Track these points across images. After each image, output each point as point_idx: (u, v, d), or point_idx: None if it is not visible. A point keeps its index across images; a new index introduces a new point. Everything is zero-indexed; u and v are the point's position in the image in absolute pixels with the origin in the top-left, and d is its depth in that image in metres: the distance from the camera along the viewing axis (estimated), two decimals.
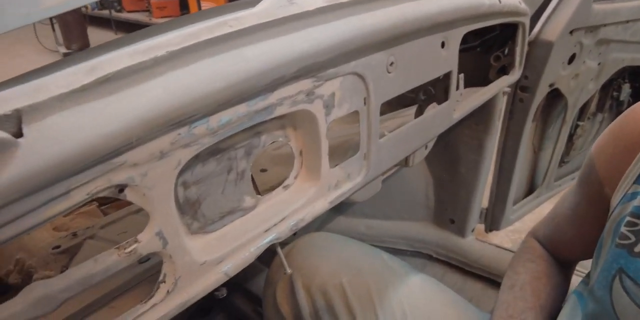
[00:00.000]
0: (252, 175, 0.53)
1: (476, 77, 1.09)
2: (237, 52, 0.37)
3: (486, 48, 1.08)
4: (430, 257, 1.53)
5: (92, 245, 0.61)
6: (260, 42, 0.38)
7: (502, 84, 0.99)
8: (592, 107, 1.71)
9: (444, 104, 0.73)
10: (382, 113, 1.03)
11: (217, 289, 0.53)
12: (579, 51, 1.21)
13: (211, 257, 0.42)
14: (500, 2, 0.76)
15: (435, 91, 0.77)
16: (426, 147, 0.79)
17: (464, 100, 0.87)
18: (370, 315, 0.62)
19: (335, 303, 0.62)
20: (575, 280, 0.63)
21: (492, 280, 1.37)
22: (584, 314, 0.50)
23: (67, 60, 0.34)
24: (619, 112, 1.81)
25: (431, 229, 1.47)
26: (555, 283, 0.60)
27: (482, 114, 1.20)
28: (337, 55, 0.46)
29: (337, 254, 0.67)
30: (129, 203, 0.35)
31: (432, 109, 0.71)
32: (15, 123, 0.28)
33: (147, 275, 0.50)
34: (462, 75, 0.78)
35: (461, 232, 1.41)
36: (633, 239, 0.44)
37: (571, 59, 1.22)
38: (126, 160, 0.32)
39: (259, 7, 0.41)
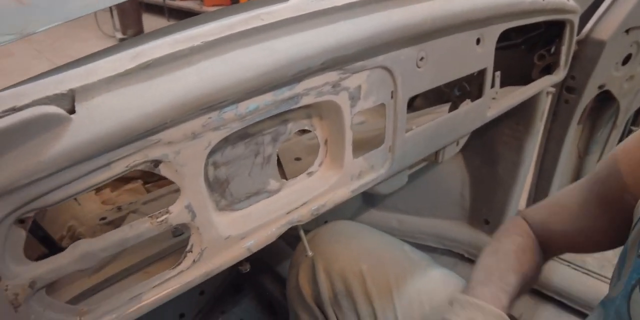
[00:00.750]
0: (282, 162, 0.56)
1: (518, 75, 1.06)
2: (267, 44, 0.40)
3: (530, 46, 1.05)
4: (461, 257, 1.51)
5: (134, 219, 0.67)
6: (288, 35, 0.41)
7: (543, 84, 0.97)
8: None
9: (477, 102, 0.73)
10: (418, 108, 1.04)
11: (241, 264, 0.58)
12: (635, 51, 1.15)
13: (235, 232, 0.46)
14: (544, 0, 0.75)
15: (470, 88, 0.77)
16: (457, 144, 0.80)
17: (501, 99, 0.86)
18: (388, 303, 0.64)
19: (354, 289, 0.65)
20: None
21: None
22: None
23: (116, 46, 0.39)
24: None
25: (464, 228, 1.45)
26: (538, 262, 0.60)
27: (523, 114, 1.17)
28: (364, 49, 0.48)
29: (358, 242, 0.69)
30: (171, 182, 0.39)
31: (465, 106, 0.72)
32: (69, 101, 0.32)
33: (180, 246, 0.55)
34: (498, 73, 0.77)
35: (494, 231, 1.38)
36: None
37: (626, 60, 1.16)
38: (161, 138, 0.36)
39: (292, 1, 0.44)
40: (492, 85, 0.76)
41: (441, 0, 0.54)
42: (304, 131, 0.59)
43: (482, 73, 0.71)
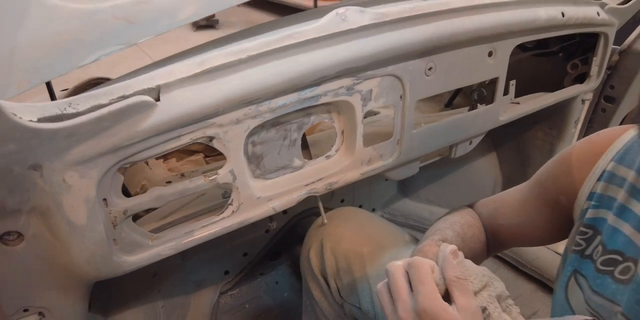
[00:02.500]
0: (309, 146, 0.71)
1: (554, 82, 1.12)
2: (293, 58, 0.54)
3: (567, 55, 1.11)
4: None
5: None
6: (311, 51, 0.55)
7: (570, 92, 1.03)
8: None
9: (488, 107, 0.83)
10: (457, 106, 1.12)
11: (270, 220, 0.73)
12: None
13: (265, 194, 0.61)
14: (563, 15, 0.82)
15: (486, 93, 0.87)
16: (470, 143, 0.90)
17: (523, 103, 0.94)
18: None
19: (354, 268, 0.75)
20: None
21: (543, 283, 1.40)
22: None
23: (188, 52, 0.55)
24: None
25: None
26: (481, 243, 0.67)
27: (556, 119, 1.22)
28: (374, 62, 0.61)
29: (363, 228, 0.81)
30: (224, 158, 0.55)
31: (474, 110, 0.82)
32: (156, 93, 0.49)
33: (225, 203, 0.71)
34: (513, 82, 0.86)
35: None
36: (584, 245, 0.54)
37: None
38: (215, 122, 0.52)
39: (319, 22, 0.58)
40: (507, 93, 0.85)
41: (449, 20, 0.66)
42: None
43: (494, 81, 0.81)
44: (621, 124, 1.25)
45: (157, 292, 0.97)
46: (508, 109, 0.89)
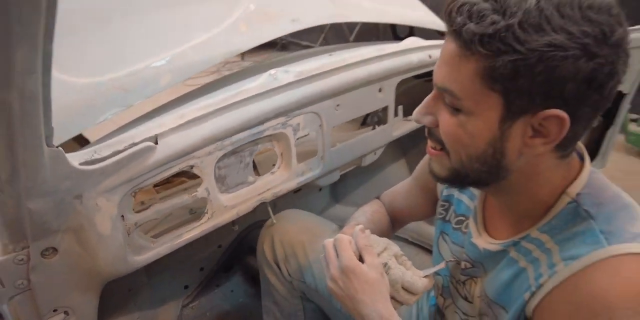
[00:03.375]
0: (261, 167, 0.96)
1: None
2: (245, 108, 0.80)
3: None
4: (406, 241, 1.89)
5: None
6: (255, 102, 0.81)
7: None
8: None
9: (383, 126, 1.14)
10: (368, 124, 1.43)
11: (233, 224, 0.97)
12: None
13: (230, 204, 0.86)
14: (430, 57, 1.16)
15: (382, 116, 1.18)
16: (375, 153, 1.20)
17: (407, 123, 1.27)
18: (317, 261, 1.03)
19: (297, 253, 1.00)
20: None
21: (425, 248, 1.70)
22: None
23: (169, 106, 0.79)
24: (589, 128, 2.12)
25: None
26: (388, 223, 0.96)
27: None
28: (300, 105, 0.88)
29: (303, 223, 1.06)
30: (172, 186, 0.78)
31: (374, 129, 1.13)
32: (155, 139, 0.72)
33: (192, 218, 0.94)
34: (400, 107, 1.18)
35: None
36: (444, 213, 0.85)
37: None
38: (195, 155, 0.76)
39: (256, 82, 0.84)
40: (396, 115, 1.17)
41: (347, 72, 0.95)
42: None
43: (385, 108, 1.12)
44: None
45: (133, 305, 1.15)
46: (399, 126, 1.21)
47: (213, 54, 0.85)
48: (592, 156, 2.18)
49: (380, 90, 1.08)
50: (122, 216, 0.72)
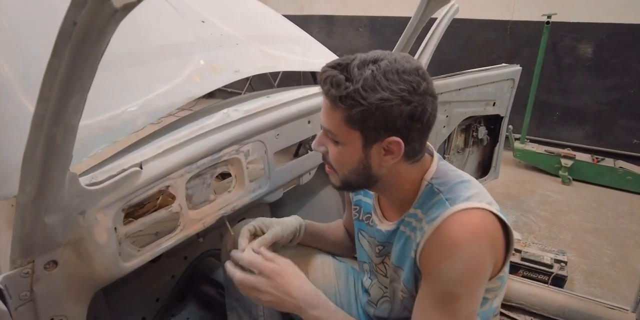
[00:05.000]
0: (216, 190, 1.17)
1: None
2: (206, 139, 1.03)
3: None
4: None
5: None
6: (215, 134, 1.05)
7: None
8: (460, 143, 2.47)
9: (313, 152, 1.41)
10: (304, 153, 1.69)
11: (198, 236, 1.16)
12: None
13: (197, 217, 1.06)
14: None
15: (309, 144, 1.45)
16: (310, 174, 1.46)
17: None
18: None
19: None
20: None
21: None
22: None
23: (148, 138, 0.99)
24: (481, 147, 2.58)
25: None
26: (343, 237, 1.25)
27: None
28: (248, 135, 1.13)
29: None
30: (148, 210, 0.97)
31: (307, 154, 1.39)
32: (140, 165, 0.92)
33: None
34: None
35: None
36: (357, 214, 1.12)
37: None
38: (170, 177, 0.97)
39: (214, 119, 1.08)
40: None
41: (284, 108, 1.22)
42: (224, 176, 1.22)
43: (314, 137, 1.40)
44: None
45: None
46: None
47: (176, 100, 1.08)
48: (487, 170, 2.63)
49: (309, 122, 1.36)
50: (115, 228, 0.89)
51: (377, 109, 0.74)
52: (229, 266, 0.93)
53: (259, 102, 1.20)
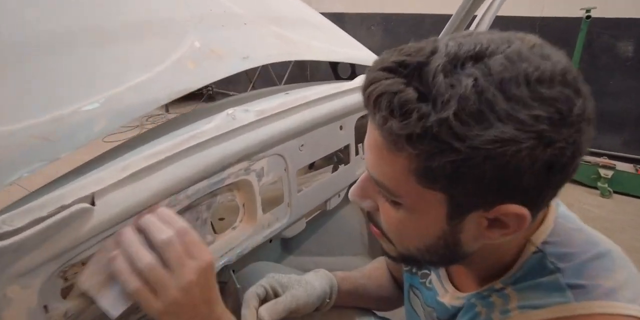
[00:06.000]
0: (212, 223, 0.81)
1: None
2: (203, 153, 0.67)
3: None
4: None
5: None
6: (214, 146, 0.69)
7: None
8: None
9: (346, 166, 1.06)
10: (318, 167, 1.34)
11: None
12: None
13: None
14: None
15: (342, 155, 1.10)
16: (339, 196, 1.11)
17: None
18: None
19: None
20: None
21: None
22: None
23: (106, 158, 0.64)
24: None
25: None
26: (388, 285, 0.88)
27: None
28: (263, 146, 0.77)
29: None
30: None
31: (339, 169, 1.04)
32: (91, 199, 0.56)
33: None
34: (360, 145, 1.12)
35: None
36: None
37: None
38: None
39: (213, 123, 0.72)
40: (357, 153, 1.10)
41: (307, 111, 0.87)
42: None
43: (347, 147, 1.05)
44: None
45: None
46: (361, 165, 1.14)
47: (156, 95, 0.73)
48: None
49: (341, 127, 1.00)
50: (45, 306, 0.53)
51: (488, 160, 0.38)
52: None
53: (276, 101, 0.85)
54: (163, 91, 0.74)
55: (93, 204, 0.56)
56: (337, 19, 4.32)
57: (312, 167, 1.56)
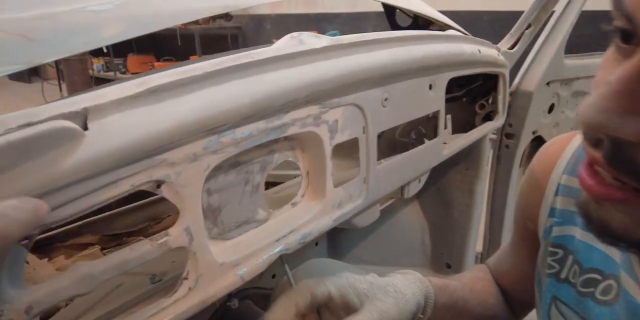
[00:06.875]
0: None
1: (462, 124, 1.18)
2: (259, 76, 0.44)
3: (471, 98, 1.19)
4: None
5: None
6: (277, 70, 0.46)
7: (487, 129, 1.08)
8: None
9: (434, 140, 0.80)
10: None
11: (229, 299, 0.56)
12: (557, 101, 1.32)
13: (229, 259, 0.46)
14: (480, 52, 0.87)
15: (425, 130, 0.85)
16: (419, 181, 0.85)
17: (453, 140, 0.95)
18: None
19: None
20: None
21: None
22: None
23: (117, 80, 0.42)
24: None
25: (428, 273, 1.46)
26: (495, 302, 0.63)
27: (471, 160, 1.28)
28: (339, 86, 0.54)
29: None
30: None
31: (424, 144, 0.79)
32: (82, 119, 0.34)
33: (158, 290, 0.53)
34: (449, 116, 0.87)
35: None
36: (557, 267, 0.50)
37: (550, 109, 1.33)
38: (166, 158, 0.38)
39: (274, 46, 0.50)
40: (445, 127, 0.85)
41: (400, 48, 0.63)
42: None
43: (435, 115, 0.80)
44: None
45: None
46: (449, 142, 0.89)
47: (195, 5, 0.51)
48: None
49: (430, 87, 0.76)
50: None
51: None
52: None
53: (349, 37, 0.61)
54: (204, 1, 0.52)
55: (85, 127, 0.33)
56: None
57: None
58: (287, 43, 0.51)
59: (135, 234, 0.84)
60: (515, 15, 1.23)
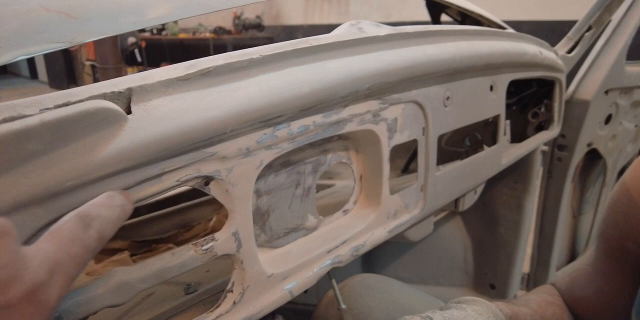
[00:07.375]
0: None
1: (512, 134, 1.10)
2: (320, 64, 0.39)
3: (522, 107, 1.11)
4: None
5: None
6: (338, 58, 0.41)
7: (542, 138, 1.00)
8: None
9: (494, 147, 0.73)
10: (413, 170, 1.03)
11: (273, 315, 0.50)
12: (614, 112, 1.23)
13: (278, 270, 0.40)
14: (541, 53, 0.80)
15: (482, 136, 0.78)
16: (475, 192, 0.78)
17: (511, 149, 0.87)
18: None
19: None
20: None
21: None
22: None
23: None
24: None
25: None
26: None
27: (520, 173, 1.19)
28: (401, 79, 0.48)
29: (392, 298, 0.62)
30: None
31: (484, 151, 0.72)
32: (126, 101, 0.29)
33: (191, 304, 0.48)
34: (508, 122, 0.79)
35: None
36: None
37: (607, 120, 1.23)
38: (217, 151, 0.33)
39: (333, 33, 0.45)
40: (505, 133, 0.77)
41: (465, 42, 0.57)
42: None
43: (495, 119, 0.73)
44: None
45: None
46: (507, 151, 0.81)
47: None
48: None
49: (492, 88, 0.69)
50: None
51: None
52: None
53: (409, 28, 0.55)
54: None
55: (128, 110, 0.29)
56: None
57: (406, 170, 1.24)
58: (346, 30, 0.46)
59: (164, 241, 0.80)
60: (555, 25, 1.16)
